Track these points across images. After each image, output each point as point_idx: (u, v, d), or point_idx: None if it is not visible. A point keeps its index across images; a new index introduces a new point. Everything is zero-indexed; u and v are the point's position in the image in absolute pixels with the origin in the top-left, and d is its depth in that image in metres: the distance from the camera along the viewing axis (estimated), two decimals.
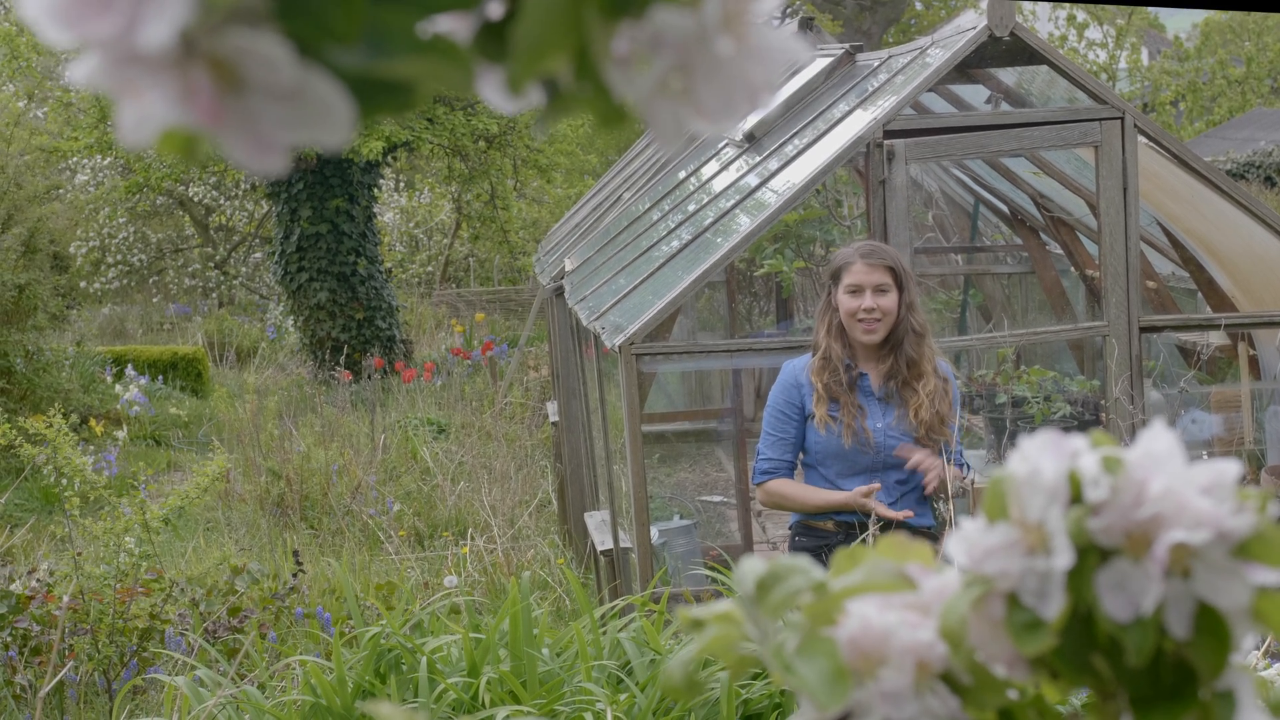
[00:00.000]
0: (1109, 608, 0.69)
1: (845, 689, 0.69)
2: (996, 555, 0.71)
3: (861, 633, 0.71)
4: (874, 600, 0.72)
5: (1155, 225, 7.30)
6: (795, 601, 0.71)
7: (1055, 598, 0.70)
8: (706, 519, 9.19)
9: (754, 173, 6.65)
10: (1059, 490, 0.71)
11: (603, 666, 3.77)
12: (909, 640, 0.71)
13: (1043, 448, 0.72)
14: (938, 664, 0.72)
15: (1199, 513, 0.69)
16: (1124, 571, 0.70)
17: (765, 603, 0.71)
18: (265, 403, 12.97)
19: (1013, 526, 0.72)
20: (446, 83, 0.47)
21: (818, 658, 0.69)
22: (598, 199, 10.74)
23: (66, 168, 21.26)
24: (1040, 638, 0.70)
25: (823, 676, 0.69)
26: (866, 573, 0.72)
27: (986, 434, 7.65)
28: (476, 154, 16.75)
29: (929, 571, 0.74)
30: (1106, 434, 0.75)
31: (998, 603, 0.72)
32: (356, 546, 8.95)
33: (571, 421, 8.39)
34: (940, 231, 10.42)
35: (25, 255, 12.45)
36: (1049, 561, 0.70)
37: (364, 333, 16.49)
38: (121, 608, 6.03)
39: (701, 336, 10.79)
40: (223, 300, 23.55)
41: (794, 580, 0.71)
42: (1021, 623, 0.71)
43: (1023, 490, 0.72)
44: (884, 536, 0.76)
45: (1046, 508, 0.71)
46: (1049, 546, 0.70)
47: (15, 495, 10.49)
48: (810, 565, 0.72)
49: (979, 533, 0.73)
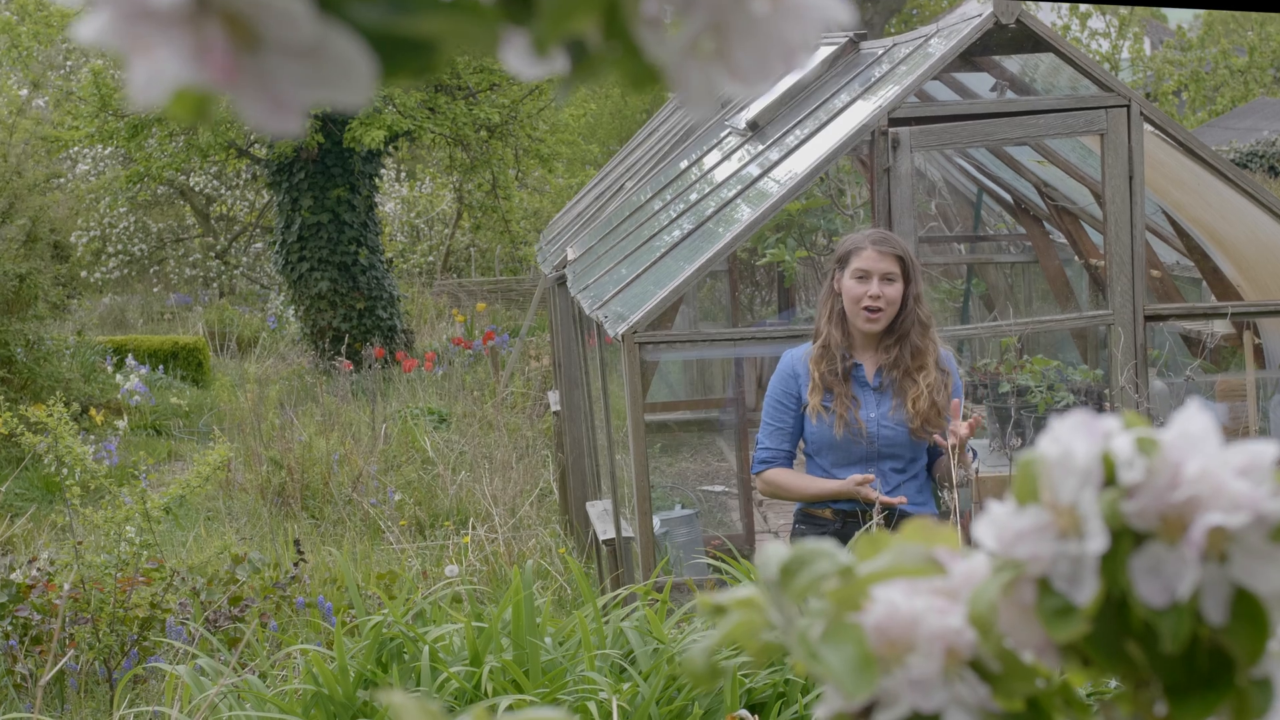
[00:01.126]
0: (1143, 593, 0.68)
1: (872, 676, 0.67)
2: (1027, 539, 0.69)
3: (888, 619, 0.69)
4: (901, 585, 0.70)
5: (1160, 214, 7.28)
6: (820, 587, 0.69)
7: (1088, 583, 0.68)
8: (708, 508, 9.18)
9: (756, 162, 6.63)
10: (1092, 472, 0.69)
11: (605, 656, 3.75)
12: (937, 626, 0.69)
13: (1075, 428, 0.70)
14: (966, 651, 0.70)
15: (1236, 495, 0.67)
16: (1159, 556, 0.68)
17: (789, 588, 0.69)
18: (266, 392, 12.95)
19: (1044, 509, 0.70)
20: (470, 41, 0.45)
21: (844, 644, 0.67)
22: (600, 188, 10.72)
23: (67, 157, 21.24)
24: (1072, 624, 0.68)
25: (849, 664, 0.67)
26: (894, 557, 0.70)
27: (990, 423, 7.63)
28: (478, 143, 16.72)
29: (957, 556, 0.72)
30: (1139, 415, 0.73)
31: (1028, 588, 0.70)
32: (358, 536, 8.94)
33: (573, 411, 8.38)
34: (943, 220, 10.39)
35: (26, 245, 12.43)
36: (1082, 545, 0.68)
37: (365, 322, 16.47)
38: (122, 597, 6.01)
39: (704, 326, 10.77)
40: (224, 290, 23.54)
41: (819, 565, 0.69)
42: (1053, 608, 0.69)
43: (1054, 472, 0.70)
44: (905, 522, 0.74)
45: (1079, 490, 0.69)
46: (1081, 530, 0.68)
47: (16, 484, 10.48)
48: (836, 549, 0.70)
49: (1009, 516, 0.71)
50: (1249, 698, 0.68)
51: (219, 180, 22.43)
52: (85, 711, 5.69)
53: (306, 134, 15.33)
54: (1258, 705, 0.69)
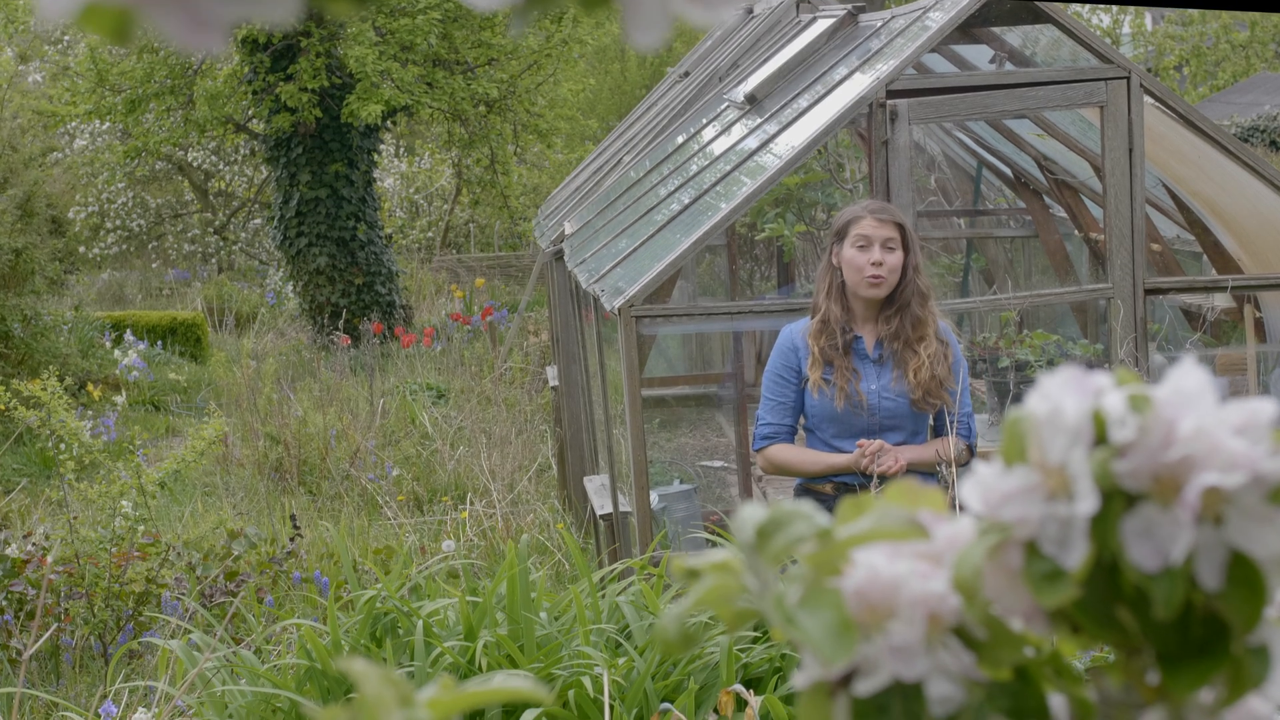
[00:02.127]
0: (1135, 557, 0.65)
1: (851, 642, 0.64)
2: (1014, 500, 0.67)
3: (869, 583, 0.66)
4: (882, 549, 0.67)
5: (1160, 187, 7.24)
6: (797, 550, 0.66)
7: (1078, 546, 0.65)
8: (707, 484, 9.16)
9: (754, 135, 6.59)
10: (1082, 430, 0.66)
11: (601, 630, 3.73)
12: (920, 591, 0.66)
13: (1065, 385, 0.67)
14: (950, 617, 0.67)
15: (1233, 454, 0.64)
16: (1152, 518, 0.65)
17: (765, 551, 0.66)
18: (264, 368, 12.92)
19: (1032, 470, 0.67)
20: None
21: (822, 610, 0.65)
22: (598, 163, 10.68)
23: (65, 132, 21.19)
24: (1061, 589, 0.66)
25: (827, 629, 0.64)
26: (875, 519, 0.67)
27: (989, 398, 7.60)
28: (476, 119, 16.68)
29: (941, 518, 0.69)
30: (1131, 371, 0.70)
31: (1015, 552, 0.67)
32: (355, 511, 8.92)
33: (571, 386, 8.35)
34: (942, 195, 10.35)
35: (22, 219, 12.39)
36: (1071, 507, 0.65)
37: (363, 298, 16.44)
38: (117, 572, 5.99)
39: (702, 301, 10.74)
40: (222, 266, 23.51)
41: (796, 527, 0.66)
42: (1041, 573, 0.66)
43: (1043, 430, 0.67)
44: (892, 486, 0.71)
45: (1069, 449, 0.66)
46: (1071, 491, 0.65)
47: (12, 459, 10.46)
48: (814, 511, 0.67)
49: (995, 476, 0.68)
50: (1245, 666, 0.66)
51: (217, 155, 22.38)
52: (80, 686, 5.68)
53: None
54: (1254, 674, 0.66)
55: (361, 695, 0.67)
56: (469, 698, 0.70)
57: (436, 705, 0.69)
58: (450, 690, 0.69)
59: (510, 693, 0.72)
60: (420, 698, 0.68)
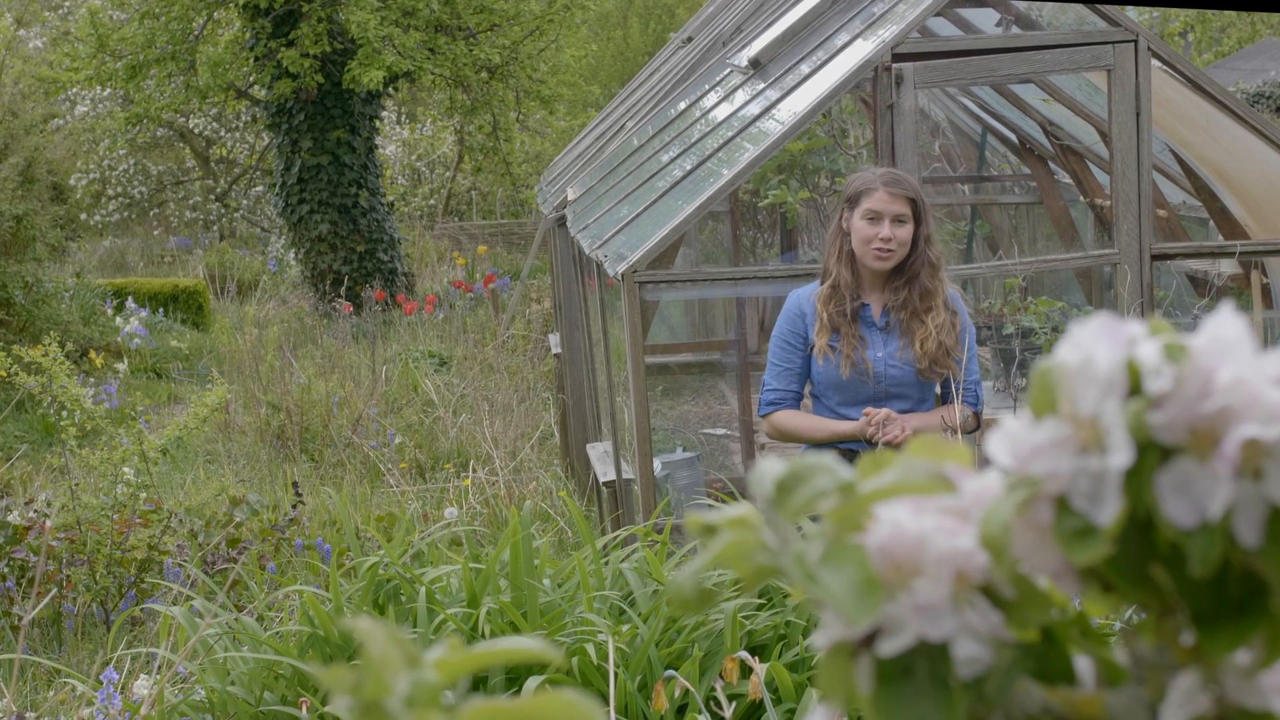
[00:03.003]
0: (1171, 512, 0.62)
1: (876, 601, 0.61)
2: (1044, 454, 0.64)
3: (893, 539, 0.63)
4: (907, 504, 0.65)
5: (1166, 152, 7.19)
6: (819, 504, 0.64)
7: (1111, 501, 0.63)
8: (709, 452, 9.14)
9: (757, 101, 6.55)
10: (1116, 380, 0.63)
11: (605, 597, 3.71)
12: (946, 548, 0.63)
13: (1097, 334, 0.65)
14: (977, 575, 0.64)
15: (1273, 406, 0.61)
16: (1188, 472, 0.62)
17: (785, 506, 0.64)
18: (266, 335, 12.90)
19: (1063, 422, 0.64)
20: None
21: (845, 567, 0.62)
22: (600, 129, 10.63)
23: (66, 99, 21.13)
24: (1093, 546, 0.63)
25: (851, 587, 0.61)
26: (900, 473, 0.64)
27: (994, 365, 7.58)
28: (478, 85, 16.61)
29: (968, 473, 0.67)
30: (1164, 321, 0.68)
31: (1045, 507, 0.64)
32: (357, 479, 8.91)
33: (574, 353, 8.33)
34: (947, 161, 10.31)
35: (23, 185, 12.35)
36: (1104, 461, 0.63)
37: (365, 265, 16.41)
38: (119, 539, 5.98)
39: (705, 268, 10.70)
40: (224, 233, 23.48)
41: (818, 480, 0.63)
42: (1072, 529, 0.63)
43: (1074, 381, 0.64)
44: (915, 440, 0.69)
45: (1101, 400, 0.63)
46: (1104, 444, 0.63)
47: (15, 426, 10.45)
48: (836, 463, 0.64)
49: (1025, 429, 0.65)
50: None
51: (219, 122, 22.32)
52: (82, 653, 5.67)
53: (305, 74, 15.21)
54: None
55: (367, 655, 0.64)
56: (478, 658, 0.67)
57: (444, 666, 0.66)
58: (459, 650, 0.67)
59: (520, 652, 0.69)
60: (428, 658, 0.66)
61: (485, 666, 0.69)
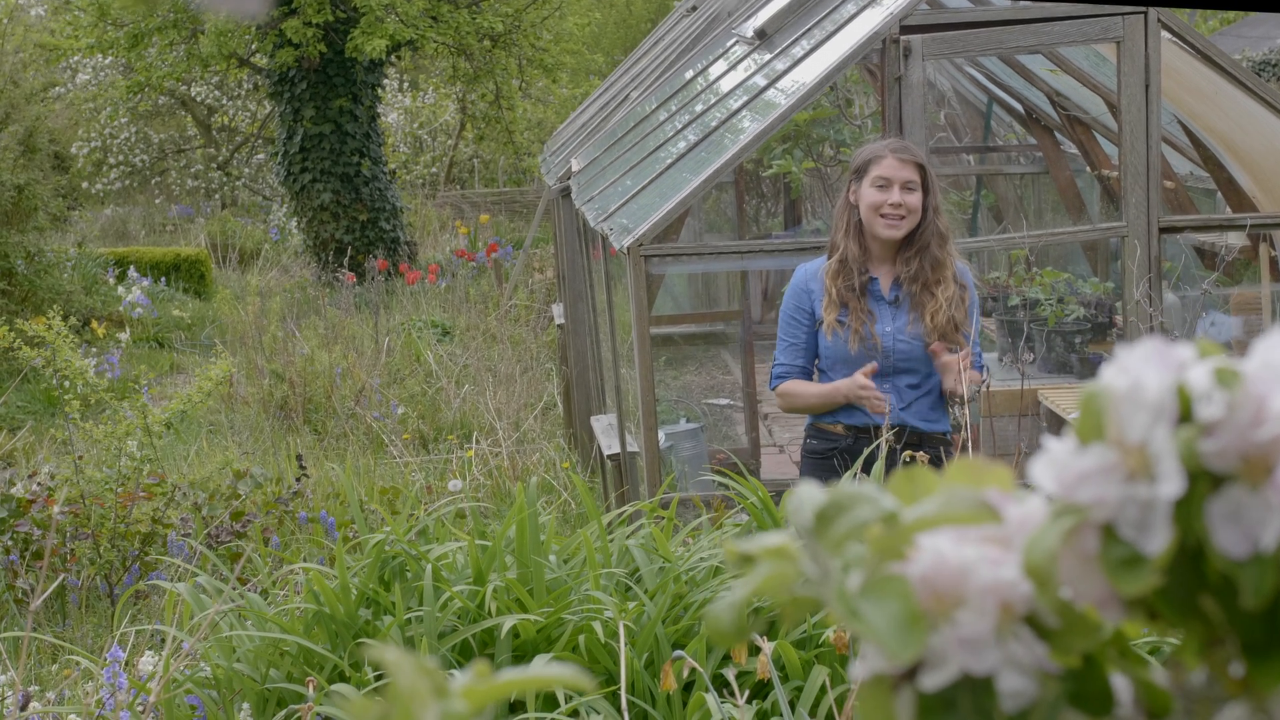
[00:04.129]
0: (1222, 542, 0.60)
1: (921, 636, 0.60)
2: (1091, 481, 0.62)
3: (935, 569, 0.62)
4: (948, 532, 0.63)
5: (1174, 123, 7.16)
6: (861, 535, 0.62)
7: (1160, 531, 0.61)
8: (713, 422, 9.13)
9: (763, 72, 6.51)
10: (1165, 406, 0.61)
11: (611, 574, 3.70)
12: (990, 579, 0.62)
13: (1146, 358, 0.63)
14: (1022, 605, 0.63)
15: None
16: (1240, 500, 0.60)
17: (826, 536, 0.62)
18: (268, 305, 12.88)
19: (1110, 448, 0.62)
20: None
21: (887, 600, 0.60)
22: (604, 99, 10.58)
23: (67, 67, 21.06)
24: (1142, 576, 0.61)
25: (893, 621, 0.60)
26: (943, 503, 0.62)
27: (999, 336, 7.56)
28: (481, 53, 16.54)
29: (1011, 498, 0.65)
30: (1211, 343, 0.66)
31: (1091, 535, 0.62)
32: (360, 450, 8.90)
33: (578, 324, 8.31)
34: (952, 131, 10.26)
35: (24, 155, 12.31)
36: (1153, 489, 0.61)
37: (368, 234, 16.37)
38: (123, 512, 5.97)
39: (709, 238, 10.67)
40: (226, 201, 23.43)
41: (860, 511, 0.62)
42: (1119, 558, 0.62)
43: (1123, 406, 0.62)
44: (918, 439, 0.67)
45: (1151, 426, 0.61)
46: (1153, 471, 0.61)
47: (17, 397, 10.43)
48: (878, 494, 0.62)
49: (1070, 455, 0.63)
50: None
51: (220, 91, 22.25)
52: (86, 627, 5.67)
53: (309, 43, 15.15)
54: None
55: (394, 687, 0.62)
56: (505, 686, 0.66)
57: (472, 694, 0.65)
58: (486, 679, 0.65)
59: (548, 680, 0.68)
60: (455, 686, 0.64)
61: (511, 693, 0.67)
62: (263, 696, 3.56)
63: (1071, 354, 6.99)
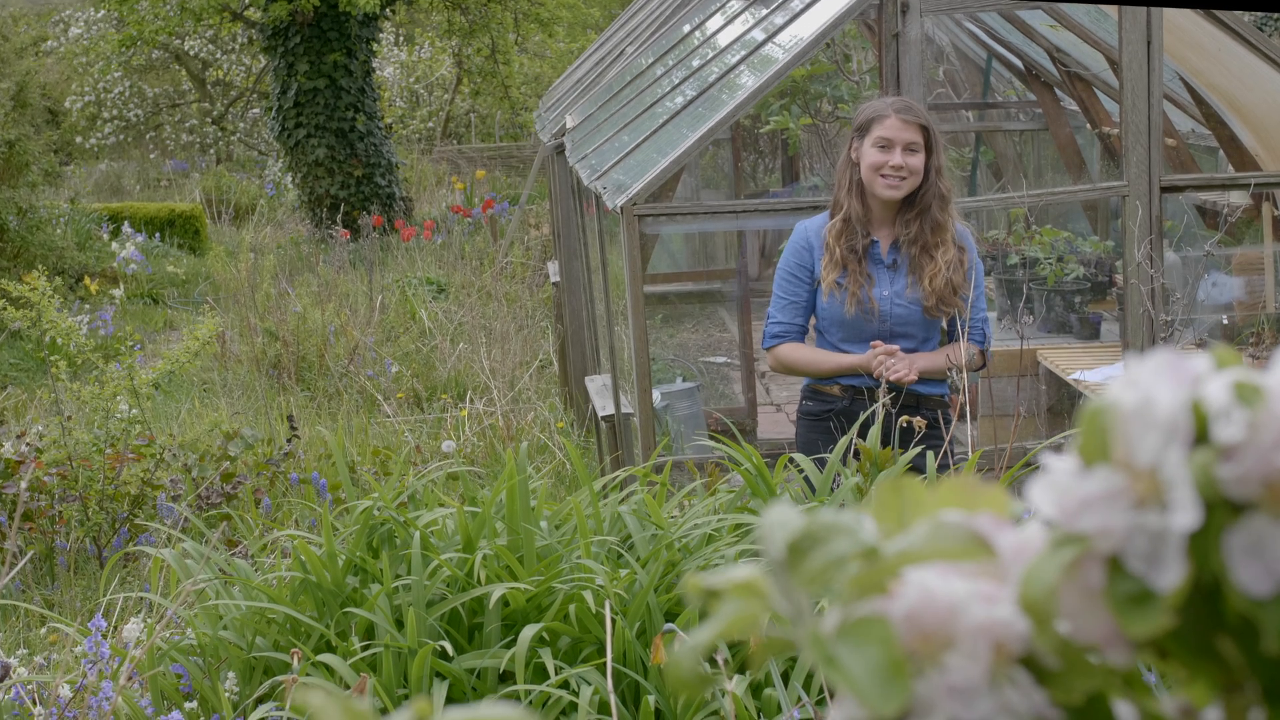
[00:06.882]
0: (1242, 578, 0.54)
1: (904, 687, 0.53)
2: (1095, 508, 0.56)
3: (921, 606, 0.55)
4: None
5: (1176, 80, 7.07)
6: (838, 571, 0.55)
7: (1172, 565, 0.55)
8: (710, 381, 9.07)
9: (760, 27, 6.42)
10: (1179, 426, 0.55)
11: (603, 542, 3.65)
12: (983, 618, 0.55)
13: (1158, 371, 0.56)
14: (1018, 646, 0.56)
15: None
16: (1263, 532, 0.54)
17: (799, 571, 0.56)
18: (262, 262, 12.79)
19: (1116, 471, 0.56)
20: None
21: (867, 645, 0.54)
22: (600, 53, 10.48)
23: (59, 20, 20.91)
24: (1152, 615, 0.55)
25: (873, 671, 0.53)
26: (930, 535, 0.56)
27: (998, 296, 7.49)
28: (477, 7, 16.42)
29: (1005, 525, 0.58)
30: (1231, 350, 0.59)
31: (1096, 568, 0.56)
32: (353, 409, 8.84)
33: (573, 282, 8.24)
34: (951, 87, 10.15)
35: (15, 110, 12.21)
36: (1165, 518, 0.54)
37: (363, 190, 16.28)
38: (111, 474, 5.91)
39: (705, 195, 10.59)
40: (221, 156, 23.32)
41: (837, 544, 0.55)
42: (1127, 594, 0.55)
43: (1131, 425, 0.56)
44: (948, 478, 0.60)
45: (1163, 449, 0.55)
46: (1164, 499, 0.55)
47: (8, 354, 10.37)
48: (857, 524, 0.56)
49: (1072, 478, 0.57)
50: None
51: (214, 45, 22.10)
52: (75, 590, 5.62)
53: None
54: None
55: None
56: None
57: None
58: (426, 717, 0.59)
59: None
60: None
61: None
62: (249, 665, 3.51)
63: (1071, 314, 6.93)
